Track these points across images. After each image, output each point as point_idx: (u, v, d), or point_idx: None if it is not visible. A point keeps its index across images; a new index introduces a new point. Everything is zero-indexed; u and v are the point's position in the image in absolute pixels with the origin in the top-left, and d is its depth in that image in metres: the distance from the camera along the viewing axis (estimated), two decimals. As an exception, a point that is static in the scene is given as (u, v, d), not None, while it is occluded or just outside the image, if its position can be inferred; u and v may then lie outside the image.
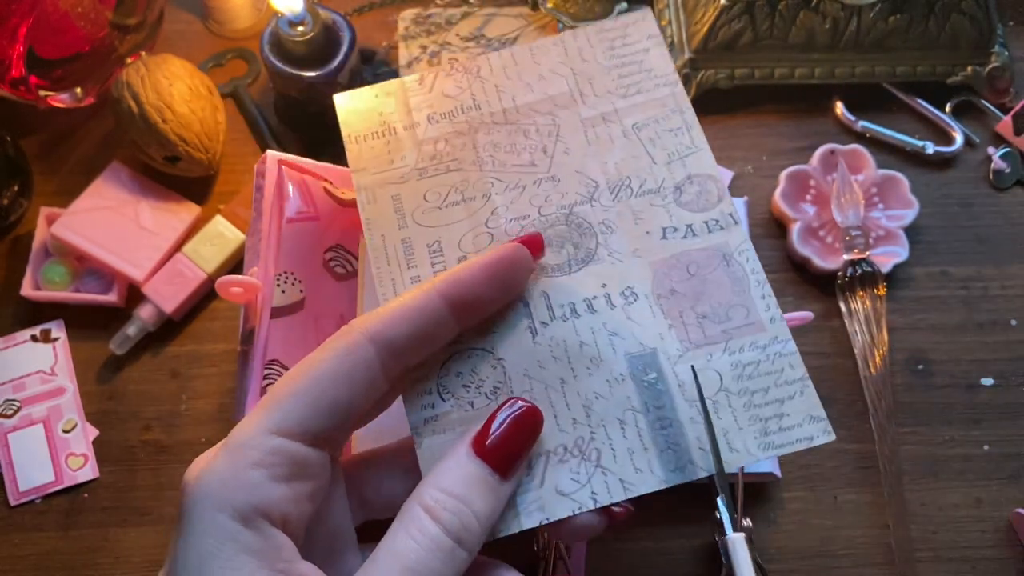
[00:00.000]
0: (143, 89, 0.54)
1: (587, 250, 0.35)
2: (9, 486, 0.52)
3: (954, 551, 0.50)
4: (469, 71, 0.39)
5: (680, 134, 0.37)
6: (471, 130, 0.37)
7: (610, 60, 0.39)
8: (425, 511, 0.28)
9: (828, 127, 0.62)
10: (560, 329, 0.33)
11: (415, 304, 0.30)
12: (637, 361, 0.33)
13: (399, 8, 0.66)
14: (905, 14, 0.59)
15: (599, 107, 0.38)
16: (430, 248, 0.35)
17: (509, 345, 0.33)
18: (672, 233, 0.35)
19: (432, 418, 0.32)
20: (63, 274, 0.56)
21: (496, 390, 0.33)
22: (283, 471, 0.28)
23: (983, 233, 0.59)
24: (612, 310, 0.34)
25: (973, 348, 0.56)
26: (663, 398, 0.32)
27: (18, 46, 0.53)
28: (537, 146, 0.37)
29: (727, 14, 0.59)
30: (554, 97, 0.38)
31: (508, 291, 0.33)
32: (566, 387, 0.33)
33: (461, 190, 0.36)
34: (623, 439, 0.32)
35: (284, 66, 0.55)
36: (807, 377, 0.33)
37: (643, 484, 0.31)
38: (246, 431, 0.28)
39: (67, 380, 0.55)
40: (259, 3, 0.65)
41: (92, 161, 0.60)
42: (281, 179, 0.46)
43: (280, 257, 0.46)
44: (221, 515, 0.26)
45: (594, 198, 0.36)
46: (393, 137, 0.38)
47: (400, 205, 0.36)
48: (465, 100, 0.38)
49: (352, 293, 0.46)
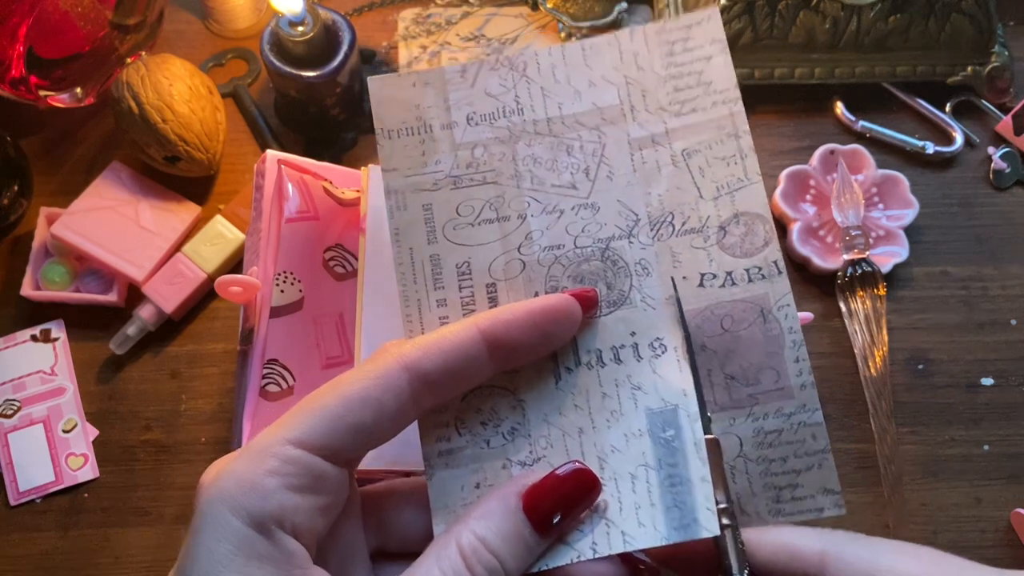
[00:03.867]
0: (143, 89, 0.54)
1: (620, 292, 0.33)
2: (9, 486, 0.52)
3: (954, 551, 0.50)
4: (515, 67, 0.35)
5: (733, 164, 0.34)
6: (512, 138, 0.35)
7: (667, 69, 0.35)
8: (461, 555, 0.28)
9: (828, 127, 0.62)
10: (584, 377, 0.32)
11: (455, 339, 0.30)
12: (657, 418, 0.32)
13: (399, 8, 0.66)
14: (905, 14, 0.59)
15: (649, 127, 0.35)
16: (459, 269, 0.33)
17: (532, 387, 0.32)
18: (710, 281, 0.33)
19: (447, 451, 0.32)
20: (63, 274, 0.56)
21: (514, 431, 0.32)
22: (299, 481, 0.28)
23: (983, 233, 0.59)
24: (639, 362, 0.33)
25: (973, 348, 0.56)
26: (677, 456, 0.31)
27: (18, 46, 0.53)
28: (580, 166, 0.35)
29: (727, 14, 0.59)
30: (603, 110, 0.35)
31: (550, 343, 0.32)
32: (584, 437, 0.32)
33: (496, 207, 0.34)
34: (632, 494, 0.31)
35: (284, 66, 0.55)
36: (828, 449, 0.33)
37: (644, 539, 0.31)
38: (267, 439, 0.28)
39: (67, 380, 0.55)
40: (259, 3, 0.65)
41: (92, 161, 0.60)
42: (281, 179, 0.46)
43: (280, 257, 0.46)
44: (236, 520, 0.27)
45: (633, 233, 0.34)
46: (429, 136, 0.35)
47: (431, 216, 0.34)
48: (508, 102, 0.35)
49: (351, 293, 0.46)
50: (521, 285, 0.33)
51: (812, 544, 0.30)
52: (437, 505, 0.31)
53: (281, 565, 0.27)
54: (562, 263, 0.34)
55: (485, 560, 0.28)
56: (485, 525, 0.29)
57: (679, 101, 0.35)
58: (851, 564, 0.29)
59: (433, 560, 0.28)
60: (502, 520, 0.29)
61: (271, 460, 0.27)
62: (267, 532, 0.27)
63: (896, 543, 0.30)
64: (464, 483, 0.32)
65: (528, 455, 0.32)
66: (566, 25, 0.63)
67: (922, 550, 0.30)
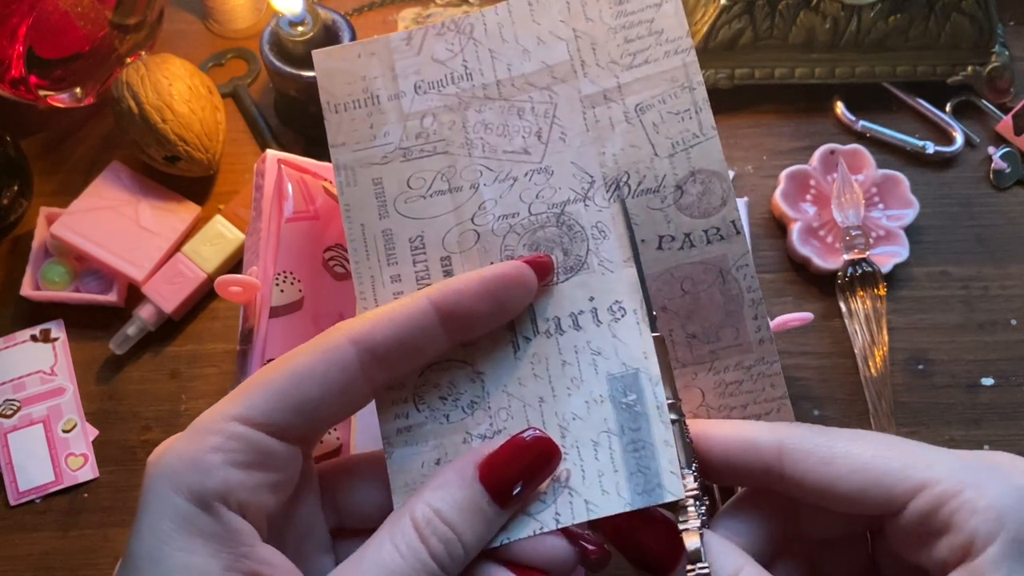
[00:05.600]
0: (143, 89, 0.54)
1: (577, 257, 0.33)
2: (9, 486, 0.52)
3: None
4: (462, 30, 0.34)
5: (688, 118, 0.33)
6: (461, 105, 0.34)
7: (617, 19, 0.34)
8: (415, 528, 0.28)
9: (828, 127, 0.62)
10: (543, 346, 0.32)
11: (404, 311, 0.29)
12: (618, 382, 0.32)
13: (399, 8, 0.66)
14: (905, 14, 0.59)
15: (601, 82, 0.34)
16: (412, 244, 0.33)
17: (490, 359, 0.32)
18: (668, 244, 0.33)
19: (405, 428, 0.31)
20: (63, 274, 0.56)
21: (473, 404, 0.32)
22: (243, 458, 0.27)
23: (983, 233, 0.59)
24: (598, 327, 0.32)
25: (973, 348, 0.56)
26: (640, 420, 0.31)
27: (18, 46, 0.53)
28: (532, 129, 0.34)
29: (727, 14, 0.59)
30: (552, 68, 0.34)
31: (504, 312, 0.31)
32: (544, 406, 0.32)
33: (448, 177, 0.33)
34: (595, 461, 0.31)
35: (284, 66, 0.56)
36: (786, 396, 0.33)
37: (608, 506, 0.30)
38: (211, 416, 0.28)
39: (67, 380, 0.55)
40: (259, 3, 0.65)
41: (92, 161, 0.60)
42: (281, 178, 0.46)
43: (279, 256, 0.46)
44: (178, 497, 0.26)
45: (588, 196, 0.33)
46: (376, 108, 0.34)
47: (381, 190, 0.33)
48: (456, 67, 0.34)
49: (351, 293, 0.46)
50: (476, 257, 0.33)
51: (769, 436, 0.30)
52: (397, 483, 0.31)
53: (225, 542, 0.27)
54: (517, 232, 0.33)
55: (440, 532, 0.28)
56: (440, 496, 0.29)
57: (630, 53, 0.34)
58: (809, 452, 0.29)
59: (386, 535, 0.28)
60: (458, 491, 0.29)
61: (214, 437, 0.27)
62: (209, 508, 0.26)
63: (853, 431, 0.30)
64: (424, 460, 0.31)
65: (488, 427, 0.32)
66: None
67: (878, 436, 0.30)
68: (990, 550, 0.26)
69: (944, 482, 0.28)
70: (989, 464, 0.28)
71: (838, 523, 0.31)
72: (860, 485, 0.28)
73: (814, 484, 0.29)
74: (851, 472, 0.28)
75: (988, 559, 0.26)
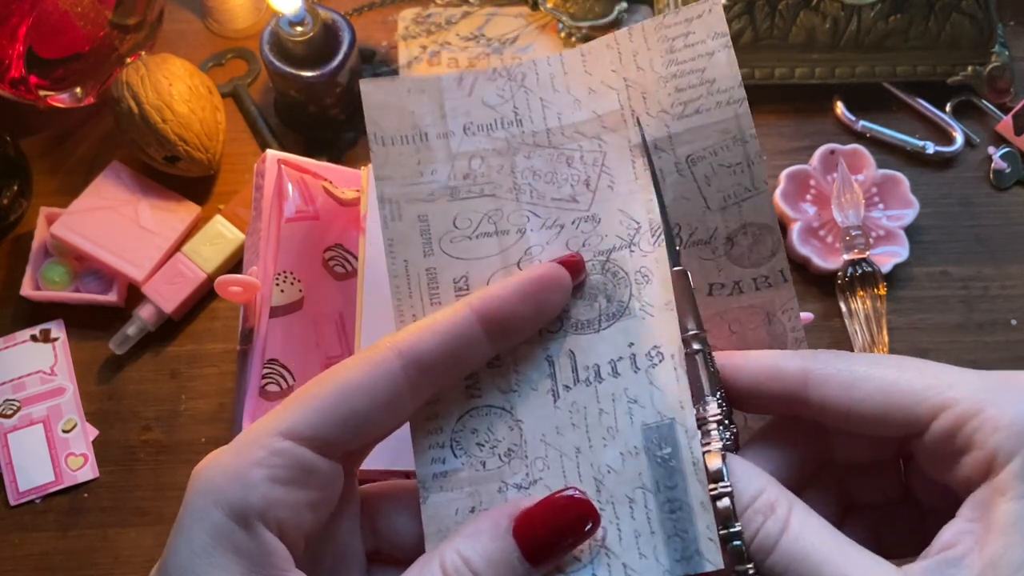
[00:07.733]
0: (143, 89, 0.54)
1: (619, 303, 0.32)
2: (9, 486, 0.52)
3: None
4: (513, 78, 0.34)
5: (739, 172, 0.33)
6: (510, 150, 0.34)
7: (668, 68, 0.34)
8: (442, 574, 0.28)
9: (828, 127, 0.62)
10: (582, 394, 0.32)
11: (447, 321, 0.29)
12: (653, 433, 0.31)
13: (399, 8, 0.66)
14: (905, 14, 0.59)
15: (652, 131, 0.33)
16: (456, 284, 0.32)
17: (529, 406, 0.32)
18: (719, 290, 0.33)
19: (441, 474, 0.31)
20: (63, 274, 0.56)
21: (511, 452, 0.31)
22: (285, 474, 0.27)
23: (983, 233, 0.59)
24: (635, 373, 0.32)
25: (973, 348, 0.56)
26: (675, 477, 0.30)
27: (18, 46, 0.53)
28: (580, 177, 0.33)
29: (727, 14, 0.59)
30: (603, 117, 0.34)
31: (543, 313, 0.31)
32: (580, 457, 0.31)
33: (494, 220, 0.33)
34: (631, 520, 0.30)
35: (284, 66, 0.56)
36: None
37: (646, 572, 0.29)
38: (257, 430, 0.28)
39: (67, 380, 0.55)
40: (259, 3, 0.65)
41: (92, 161, 0.60)
42: (281, 179, 0.46)
43: (279, 256, 0.46)
44: (217, 511, 0.26)
45: (634, 241, 0.33)
46: (424, 145, 0.33)
47: (427, 227, 0.33)
48: (506, 113, 0.34)
49: (351, 293, 0.46)
50: None
51: (794, 363, 0.30)
52: (430, 529, 0.31)
53: (256, 561, 0.26)
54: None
55: None
56: (471, 545, 0.28)
57: (681, 102, 0.33)
58: (832, 376, 0.29)
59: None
60: (490, 542, 0.28)
61: (258, 451, 0.27)
62: (247, 525, 0.26)
63: (876, 355, 0.30)
64: (459, 507, 0.31)
65: (524, 477, 0.31)
66: (566, 25, 0.63)
67: (900, 358, 0.30)
68: (1011, 465, 0.26)
69: (965, 401, 0.28)
70: (1011, 383, 0.28)
71: (866, 448, 0.31)
72: (883, 407, 0.28)
73: (838, 408, 0.29)
74: (873, 394, 0.29)
75: (1009, 473, 0.26)
